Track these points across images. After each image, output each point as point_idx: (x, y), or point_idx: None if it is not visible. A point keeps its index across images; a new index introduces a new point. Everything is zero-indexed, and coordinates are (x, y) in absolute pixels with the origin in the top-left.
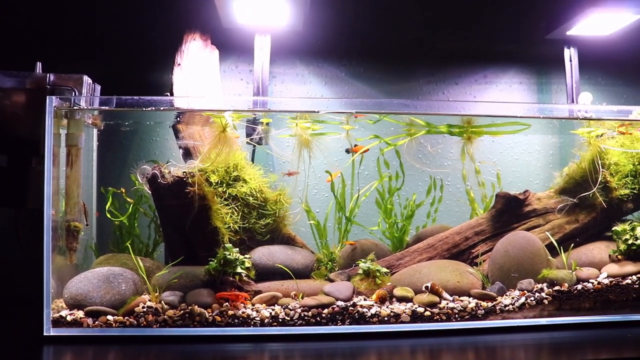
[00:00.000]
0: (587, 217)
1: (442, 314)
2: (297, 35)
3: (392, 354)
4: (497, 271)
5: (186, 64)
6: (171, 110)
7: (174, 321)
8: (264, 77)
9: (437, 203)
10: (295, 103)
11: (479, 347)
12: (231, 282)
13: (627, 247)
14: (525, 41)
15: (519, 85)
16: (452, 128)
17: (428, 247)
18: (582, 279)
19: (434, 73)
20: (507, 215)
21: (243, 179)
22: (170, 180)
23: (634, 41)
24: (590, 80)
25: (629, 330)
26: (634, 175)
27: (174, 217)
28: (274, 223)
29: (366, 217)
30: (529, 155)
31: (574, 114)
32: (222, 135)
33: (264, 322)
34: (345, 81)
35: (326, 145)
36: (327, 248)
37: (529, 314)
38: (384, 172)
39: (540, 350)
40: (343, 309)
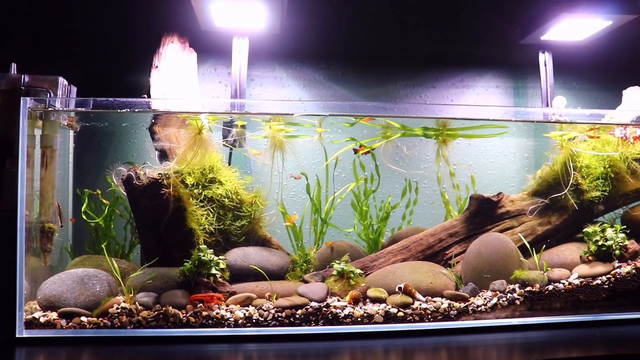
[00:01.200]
0: (559, 219)
1: (415, 314)
2: (275, 39)
3: (366, 354)
4: (470, 272)
5: (164, 67)
6: (146, 112)
7: (148, 322)
8: (241, 80)
9: (412, 205)
10: (270, 105)
11: (451, 348)
12: (205, 283)
13: (597, 248)
14: (501, 45)
15: (496, 89)
16: (427, 131)
17: (402, 249)
18: (554, 280)
19: (411, 77)
20: (480, 217)
21: (219, 181)
22: (145, 181)
23: (607, 47)
24: (565, 84)
25: (598, 329)
26: (604, 178)
27: (149, 218)
28: (249, 225)
29: (343, 219)
30: (505, 158)
31: (548, 118)
32: (198, 137)
33: (237, 323)
34: (324, 84)
35: (301, 147)
36: (302, 250)
37: (501, 315)
38: (360, 175)
39: (512, 349)
40: (316, 309)
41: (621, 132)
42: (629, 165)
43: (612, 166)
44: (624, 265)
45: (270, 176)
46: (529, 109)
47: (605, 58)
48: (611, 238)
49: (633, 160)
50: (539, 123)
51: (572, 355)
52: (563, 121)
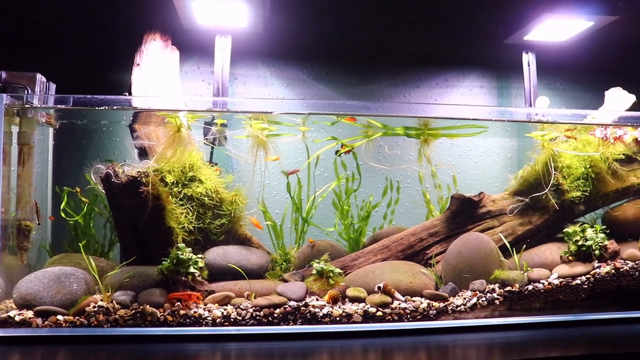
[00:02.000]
0: (540, 219)
1: (394, 314)
2: (258, 37)
3: (344, 353)
4: (450, 272)
5: (145, 64)
6: (125, 110)
7: (125, 321)
8: (224, 78)
9: (393, 204)
10: (252, 104)
11: (430, 347)
12: (183, 282)
13: (577, 248)
14: (486, 46)
15: (480, 89)
16: (409, 130)
17: (383, 248)
18: (533, 280)
19: (395, 76)
20: (461, 216)
21: (199, 179)
22: (124, 179)
23: (590, 48)
24: (549, 85)
25: (578, 329)
26: (585, 178)
27: (128, 216)
28: (229, 223)
29: (325, 218)
30: (488, 158)
31: (530, 118)
32: (177, 135)
33: (215, 322)
34: (307, 83)
35: (283, 146)
36: (283, 249)
37: (480, 314)
38: (341, 174)
39: (492, 349)
40: (295, 309)
41: (602, 132)
42: (610, 165)
43: (592, 166)
44: (604, 266)
45: (252, 175)
46: (511, 108)
47: (589, 59)
48: (591, 238)
49: (614, 161)
50: (522, 123)
51: (552, 355)
52: (545, 121)
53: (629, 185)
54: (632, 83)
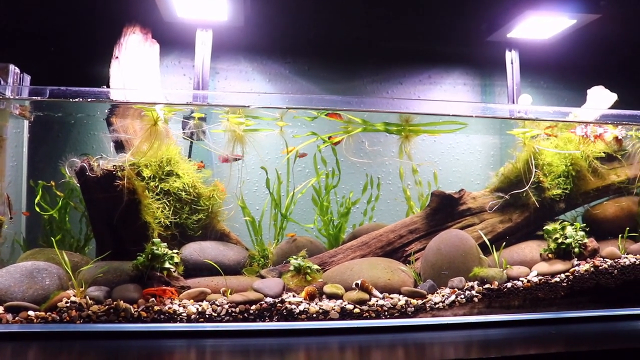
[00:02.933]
0: (521, 216)
1: (372, 311)
2: (240, 32)
3: (321, 350)
4: (429, 269)
5: (124, 57)
6: (100, 102)
7: (99, 317)
8: (204, 72)
9: (374, 201)
10: (230, 97)
11: (408, 345)
12: (158, 278)
13: (557, 246)
14: (469, 43)
15: (463, 86)
16: (389, 126)
17: (362, 245)
18: (512, 277)
19: (378, 72)
20: (441, 213)
21: (176, 174)
22: (99, 173)
23: (573, 46)
24: (533, 83)
25: (556, 327)
26: (566, 176)
27: (103, 211)
28: (207, 219)
29: (305, 214)
30: (471, 156)
31: (513, 115)
32: (154, 128)
33: (190, 318)
34: (290, 79)
35: (263, 141)
36: (261, 245)
37: (459, 312)
38: (321, 170)
39: (470, 347)
40: (271, 305)
41: (582, 130)
42: (590, 163)
43: (573, 164)
44: (583, 263)
45: (232, 170)
46: (494, 105)
47: (571, 57)
48: (571, 236)
49: (594, 159)
50: (504, 120)
51: (530, 352)
52: (527, 118)
53: (609, 184)
54: (614, 81)
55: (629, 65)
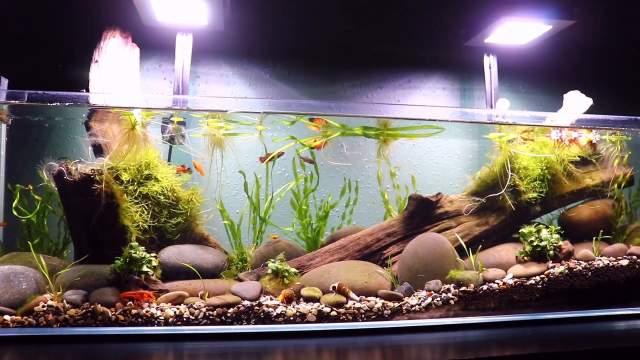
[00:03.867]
0: (497, 219)
1: (349, 314)
2: (221, 36)
3: (298, 353)
4: (406, 272)
5: (104, 61)
6: (78, 106)
7: (76, 320)
8: (184, 76)
9: (352, 204)
10: (207, 102)
11: (385, 347)
12: (136, 281)
13: (532, 249)
14: (448, 48)
15: (442, 91)
16: (367, 130)
17: (339, 248)
18: (488, 280)
19: (358, 77)
20: (419, 217)
21: (155, 178)
22: (77, 177)
23: (549, 51)
24: (511, 87)
25: (532, 329)
26: (541, 180)
27: (81, 214)
28: (185, 222)
29: (284, 218)
30: (449, 159)
31: (491, 119)
32: (132, 133)
33: (168, 322)
34: (270, 83)
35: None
36: (240, 248)
37: (435, 314)
38: (300, 173)
39: (446, 349)
40: (249, 308)
41: (557, 134)
42: (565, 167)
43: (549, 168)
44: (558, 266)
45: (211, 174)
46: (472, 110)
47: (548, 62)
48: (546, 239)
49: (569, 163)
50: (482, 125)
51: (506, 353)
52: (505, 123)
53: (584, 187)
54: (590, 86)
55: (604, 70)
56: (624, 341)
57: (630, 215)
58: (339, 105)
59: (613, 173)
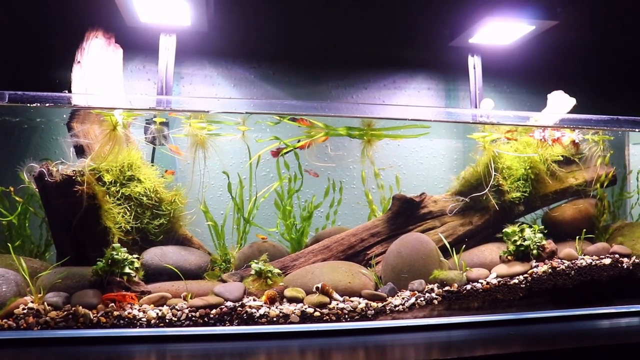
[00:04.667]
0: (481, 219)
1: (332, 314)
2: (204, 37)
3: (282, 354)
4: (390, 272)
5: (86, 62)
6: (58, 107)
7: (57, 323)
8: (168, 77)
9: (336, 205)
10: (191, 103)
11: (369, 347)
12: (118, 283)
13: (515, 248)
14: (433, 48)
15: (427, 91)
16: (351, 131)
17: (323, 249)
18: (472, 280)
19: (343, 77)
20: (403, 217)
21: (138, 179)
22: (58, 178)
23: (534, 51)
24: (496, 87)
25: (516, 328)
26: (525, 179)
27: (62, 216)
28: (168, 223)
29: (269, 218)
30: (434, 159)
31: (475, 119)
32: (113, 133)
33: (150, 323)
34: (255, 84)
35: (227, 146)
36: (224, 249)
37: (419, 314)
38: (284, 174)
39: (430, 349)
40: (231, 309)
41: (540, 134)
42: (549, 166)
43: (532, 168)
44: (541, 265)
45: (194, 175)
46: (456, 110)
47: (533, 62)
48: (529, 238)
49: (552, 162)
50: (467, 125)
51: (490, 352)
52: (489, 122)
53: (568, 187)
54: (573, 86)
55: (587, 71)
56: (607, 339)
57: (613, 214)
58: (320, 105)
59: (596, 172)
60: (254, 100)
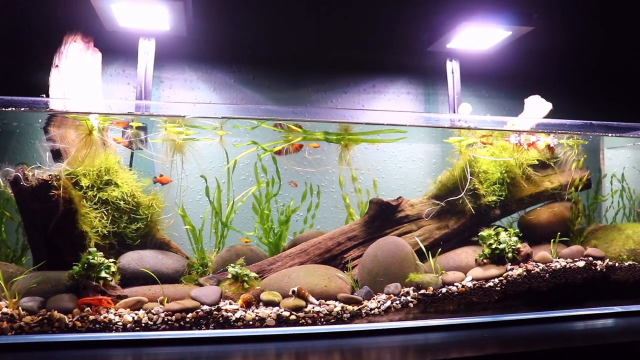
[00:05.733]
0: (457, 223)
1: (308, 317)
2: (183, 41)
3: (258, 357)
4: (366, 275)
5: (64, 66)
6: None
7: (32, 328)
8: (147, 81)
9: (314, 209)
10: (170, 108)
11: (344, 350)
12: (94, 287)
13: (491, 251)
14: (412, 53)
15: (407, 96)
16: (329, 135)
17: (300, 252)
18: (448, 283)
19: (323, 81)
20: (379, 221)
21: (115, 183)
22: (34, 183)
23: (511, 56)
24: (475, 92)
25: (491, 330)
26: (501, 183)
27: (38, 220)
28: (146, 227)
29: (248, 222)
30: (413, 164)
31: (453, 124)
32: (89, 138)
33: (126, 327)
34: (235, 88)
35: (206, 150)
36: (202, 253)
37: (394, 317)
38: (262, 178)
39: (406, 351)
40: (207, 313)
41: (516, 138)
42: (524, 171)
43: (508, 172)
44: (516, 268)
45: (172, 179)
46: (434, 114)
47: (511, 67)
48: (504, 241)
49: (528, 166)
50: (445, 129)
51: (465, 355)
52: (464, 127)
53: (543, 190)
54: (550, 91)
55: (563, 75)
56: (582, 341)
57: (588, 217)
58: (301, 110)
59: (571, 176)
60: (231, 105)
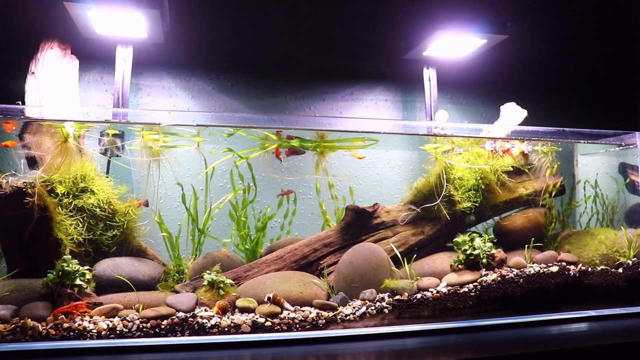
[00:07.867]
0: (433, 229)
1: (283, 324)
2: (161, 48)
3: None
4: (341, 282)
5: (41, 73)
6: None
7: (4, 336)
8: (124, 88)
9: (290, 216)
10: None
11: (320, 356)
12: (69, 294)
13: (466, 257)
14: (390, 60)
15: (385, 103)
16: (304, 142)
17: (277, 259)
18: (422, 289)
19: (301, 89)
20: (355, 227)
21: (91, 190)
22: (8, 190)
23: (487, 64)
24: (452, 99)
25: (465, 336)
26: (476, 189)
27: (12, 228)
28: (122, 235)
29: (225, 229)
30: (390, 170)
31: (430, 131)
32: (64, 145)
33: (101, 335)
34: (213, 95)
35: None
36: (178, 260)
37: (369, 323)
38: (238, 185)
39: (381, 357)
40: (183, 320)
41: (491, 145)
42: (499, 177)
43: (483, 178)
44: (491, 273)
45: (149, 186)
46: (411, 122)
47: (487, 75)
48: (479, 247)
49: (503, 173)
50: (422, 136)
51: None
52: (442, 134)
53: (518, 196)
54: (525, 98)
55: (537, 82)
56: (556, 345)
57: (562, 223)
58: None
59: (545, 182)
60: (208, 112)
